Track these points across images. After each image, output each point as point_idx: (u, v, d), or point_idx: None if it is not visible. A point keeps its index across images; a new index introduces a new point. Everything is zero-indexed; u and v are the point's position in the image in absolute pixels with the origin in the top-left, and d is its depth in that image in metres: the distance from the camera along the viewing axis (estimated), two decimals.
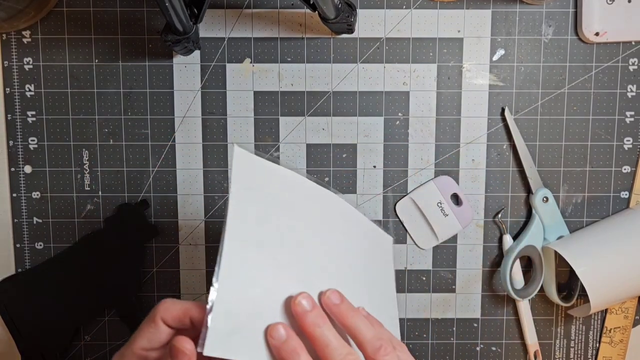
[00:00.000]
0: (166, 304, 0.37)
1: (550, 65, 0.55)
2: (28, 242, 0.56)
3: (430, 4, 0.54)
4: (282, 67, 0.55)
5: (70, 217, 0.56)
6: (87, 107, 0.55)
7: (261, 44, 0.55)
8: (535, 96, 0.55)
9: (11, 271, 0.56)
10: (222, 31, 0.55)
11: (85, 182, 0.56)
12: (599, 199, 0.56)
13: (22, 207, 0.56)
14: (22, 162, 0.55)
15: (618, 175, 0.56)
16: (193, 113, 0.55)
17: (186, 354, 0.34)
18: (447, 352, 0.58)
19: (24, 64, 0.55)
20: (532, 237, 0.55)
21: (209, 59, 0.55)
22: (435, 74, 0.55)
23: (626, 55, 0.55)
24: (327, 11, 0.47)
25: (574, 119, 0.55)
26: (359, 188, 0.56)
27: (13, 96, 0.55)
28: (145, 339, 0.37)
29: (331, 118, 0.55)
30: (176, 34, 0.47)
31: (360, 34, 0.55)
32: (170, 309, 0.37)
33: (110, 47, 0.55)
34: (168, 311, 0.37)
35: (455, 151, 0.56)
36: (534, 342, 0.57)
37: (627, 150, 0.56)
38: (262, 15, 0.55)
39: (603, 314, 0.58)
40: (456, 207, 0.56)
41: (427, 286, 0.57)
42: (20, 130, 0.55)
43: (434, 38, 0.55)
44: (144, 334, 0.37)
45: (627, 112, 0.55)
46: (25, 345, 0.56)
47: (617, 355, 0.58)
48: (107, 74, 0.55)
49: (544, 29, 0.55)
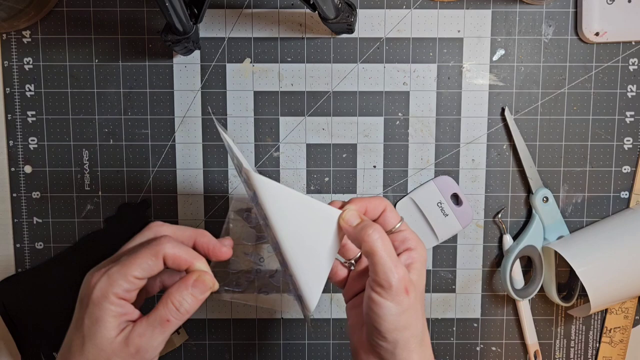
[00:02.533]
0: (170, 244, 0.37)
1: (550, 65, 0.55)
2: (28, 242, 0.56)
3: (430, 3, 0.54)
4: (282, 67, 0.55)
5: (70, 217, 0.56)
6: (87, 107, 0.55)
7: (261, 44, 0.55)
8: (536, 96, 0.55)
9: (11, 271, 0.56)
10: (222, 31, 0.55)
11: (85, 182, 0.56)
12: (599, 199, 0.56)
13: (22, 207, 0.56)
14: (22, 162, 0.55)
15: (618, 175, 0.56)
16: (193, 113, 0.55)
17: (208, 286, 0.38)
18: (447, 352, 0.58)
19: (24, 64, 0.55)
20: (532, 237, 0.55)
21: (209, 59, 0.55)
22: (436, 74, 0.55)
23: (626, 55, 0.55)
24: (327, 11, 0.47)
25: (574, 118, 0.55)
26: (359, 188, 0.56)
27: (13, 96, 0.55)
28: (141, 269, 0.37)
29: (331, 118, 0.55)
30: (176, 34, 0.47)
31: (360, 34, 0.55)
32: (174, 250, 0.37)
33: (110, 47, 0.55)
34: (172, 251, 0.37)
35: (455, 151, 0.56)
36: (534, 342, 0.57)
37: (627, 150, 0.56)
38: (262, 15, 0.55)
39: (603, 314, 0.58)
40: (456, 207, 0.56)
41: (427, 286, 0.57)
42: (20, 130, 0.55)
43: (434, 38, 0.55)
44: (140, 263, 0.37)
45: (627, 112, 0.55)
46: (25, 345, 0.56)
47: (617, 355, 0.58)
48: (107, 73, 0.55)
49: (544, 29, 0.55)
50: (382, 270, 0.36)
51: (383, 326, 0.36)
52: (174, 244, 0.37)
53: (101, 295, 0.36)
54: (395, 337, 0.37)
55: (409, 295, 0.36)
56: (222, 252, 0.41)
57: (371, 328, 0.37)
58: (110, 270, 0.36)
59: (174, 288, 0.37)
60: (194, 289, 0.37)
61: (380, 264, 0.36)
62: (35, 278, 0.56)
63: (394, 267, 0.36)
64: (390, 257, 0.37)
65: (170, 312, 0.37)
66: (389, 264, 0.36)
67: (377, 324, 0.36)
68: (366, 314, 0.37)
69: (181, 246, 0.38)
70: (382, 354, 0.38)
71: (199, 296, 0.38)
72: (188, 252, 0.38)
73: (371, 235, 0.37)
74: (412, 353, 0.37)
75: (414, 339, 0.37)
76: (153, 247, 0.37)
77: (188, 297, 0.37)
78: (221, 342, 0.57)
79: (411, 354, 0.37)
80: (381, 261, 0.36)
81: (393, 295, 0.36)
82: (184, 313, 0.37)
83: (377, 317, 0.36)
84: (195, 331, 0.57)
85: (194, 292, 0.37)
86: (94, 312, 0.36)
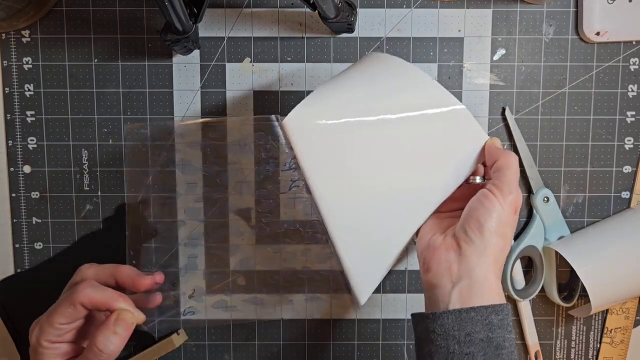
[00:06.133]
0: (86, 291, 0.41)
1: (551, 64, 0.55)
2: (27, 242, 0.56)
3: (430, 3, 0.54)
4: (282, 67, 0.55)
5: (69, 217, 0.56)
6: (87, 106, 0.55)
7: (261, 44, 0.55)
8: (536, 96, 0.55)
9: (10, 271, 0.56)
10: (221, 30, 0.55)
11: (85, 182, 0.56)
12: (599, 199, 0.56)
13: (22, 207, 0.56)
14: (21, 162, 0.55)
15: (619, 175, 0.56)
16: (193, 113, 0.55)
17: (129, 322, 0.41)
18: None
19: (23, 63, 0.55)
20: (533, 237, 0.55)
21: (209, 59, 0.55)
22: (436, 73, 0.55)
23: (627, 55, 0.55)
24: (327, 10, 0.47)
25: (574, 118, 0.55)
26: None
27: (12, 96, 0.55)
28: (63, 317, 0.41)
29: None
30: (176, 33, 0.47)
31: (361, 34, 0.55)
32: (91, 296, 0.41)
33: (109, 46, 0.55)
34: (87, 298, 0.41)
35: None
36: (535, 342, 0.57)
37: (628, 150, 0.56)
38: (261, 15, 0.54)
39: (604, 315, 0.57)
40: None
41: None
42: (20, 130, 0.55)
43: (435, 37, 0.55)
44: (62, 312, 0.41)
45: (628, 111, 0.55)
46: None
47: (617, 355, 0.57)
48: (107, 73, 0.55)
49: (544, 29, 0.55)
50: (509, 181, 0.41)
51: (487, 221, 0.40)
52: (91, 290, 0.41)
53: (36, 342, 0.41)
54: (489, 238, 0.40)
55: (514, 215, 0.41)
56: (140, 284, 0.45)
57: (471, 221, 0.41)
58: (41, 320, 0.42)
59: (98, 331, 0.41)
60: (116, 327, 0.41)
61: (509, 175, 0.41)
62: (34, 278, 0.56)
63: (517, 187, 0.42)
64: (517, 178, 0.42)
65: (95, 355, 0.40)
66: (515, 182, 0.42)
67: (482, 217, 0.40)
68: (473, 208, 0.41)
69: (98, 290, 0.42)
70: (465, 248, 0.41)
71: (123, 334, 0.41)
72: (105, 294, 0.42)
73: (511, 155, 0.42)
74: (491, 267, 0.40)
75: (499, 253, 0.41)
76: (70, 295, 0.41)
77: (112, 338, 0.41)
78: (221, 343, 0.57)
79: (489, 267, 0.40)
80: (512, 176, 0.41)
81: (506, 203, 0.41)
82: (110, 354, 0.41)
83: (485, 210, 0.41)
84: (194, 332, 0.57)
85: (117, 331, 0.41)
86: (35, 356, 0.42)
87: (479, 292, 0.39)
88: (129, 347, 0.57)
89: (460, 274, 0.40)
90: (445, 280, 0.41)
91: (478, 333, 0.38)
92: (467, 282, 0.40)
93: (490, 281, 0.40)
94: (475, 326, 0.38)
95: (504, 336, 0.39)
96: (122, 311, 0.41)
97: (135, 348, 0.56)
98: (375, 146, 0.43)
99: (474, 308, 0.38)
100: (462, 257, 0.40)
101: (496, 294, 0.40)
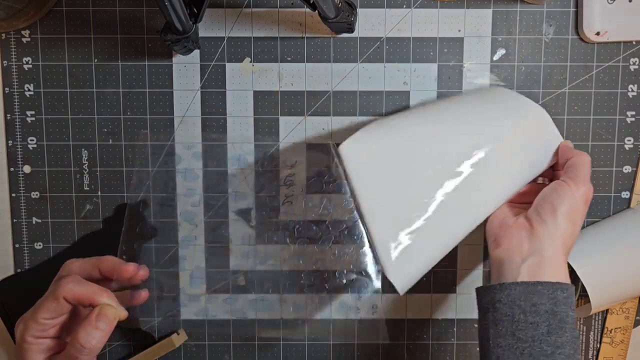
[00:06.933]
0: (69, 286, 0.41)
1: (551, 64, 0.55)
2: (27, 242, 0.56)
3: (430, 3, 0.54)
4: (282, 67, 0.55)
5: (69, 217, 0.56)
6: (87, 106, 0.55)
7: (261, 44, 0.55)
8: (536, 96, 0.55)
9: (10, 271, 0.56)
10: (221, 30, 0.55)
11: (85, 182, 0.56)
12: (599, 199, 0.56)
13: (22, 207, 0.56)
14: (21, 162, 0.55)
15: (619, 175, 0.56)
16: (192, 113, 0.55)
17: (111, 317, 0.41)
18: (448, 352, 0.58)
19: (23, 63, 0.54)
20: None
21: (209, 59, 0.55)
22: (436, 73, 0.55)
23: (627, 55, 0.55)
24: (327, 10, 0.47)
25: (574, 118, 0.55)
26: None
27: (12, 96, 0.55)
28: (47, 312, 0.41)
29: (331, 118, 0.55)
30: (176, 33, 0.47)
31: (361, 34, 0.55)
32: (74, 290, 0.41)
33: (109, 46, 0.55)
34: (71, 292, 0.41)
35: None
36: None
37: (628, 150, 0.56)
38: (261, 15, 0.54)
39: (604, 315, 0.57)
40: None
41: (428, 286, 0.57)
42: (20, 130, 0.55)
43: (435, 37, 0.55)
44: (45, 307, 0.41)
45: (628, 112, 0.55)
46: None
47: (618, 355, 0.57)
48: (107, 73, 0.55)
49: (544, 29, 0.55)
50: (584, 174, 0.44)
51: (561, 205, 0.43)
52: (74, 284, 0.41)
53: (20, 338, 0.42)
54: (560, 220, 0.42)
55: (584, 205, 0.44)
56: (123, 270, 0.45)
57: (545, 204, 0.44)
58: (25, 316, 0.42)
59: (80, 327, 0.41)
60: (98, 323, 0.41)
61: (583, 170, 0.45)
62: (34, 278, 0.56)
63: (589, 181, 0.45)
64: (589, 174, 0.45)
65: (77, 350, 0.40)
66: (588, 177, 0.45)
67: (556, 202, 0.43)
68: (547, 194, 0.44)
69: (81, 284, 0.42)
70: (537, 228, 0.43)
71: (105, 329, 0.41)
72: (88, 288, 0.42)
73: (585, 154, 0.46)
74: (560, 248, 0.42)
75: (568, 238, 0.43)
76: (54, 290, 0.42)
77: (94, 333, 0.40)
78: (221, 342, 0.57)
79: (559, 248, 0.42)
80: (585, 171, 0.45)
81: (579, 192, 0.43)
82: (92, 348, 0.40)
83: (559, 196, 0.43)
84: (194, 332, 0.57)
85: (99, 326, 0.41)
86: (20, 352, 0.42)
87: (547, 270, 0.41)
88: (129, 347, 0.57)
89: (532, 250, 0.42)
90: (515, 254, 0.43)
91: (544, 305, 0.40)
92: (537, 258, 0.42)
93: (558, 262, 0.42)
94: (541, 298, 0.40)
95: (568, 313, 0.40)
96: (104, 306, 0.41)
97: (135, 348, 0.56)
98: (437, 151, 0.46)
99: (541, 282, 0.40)
100: (534, 237, 0.43)
101: (563, 275, 0.42)
